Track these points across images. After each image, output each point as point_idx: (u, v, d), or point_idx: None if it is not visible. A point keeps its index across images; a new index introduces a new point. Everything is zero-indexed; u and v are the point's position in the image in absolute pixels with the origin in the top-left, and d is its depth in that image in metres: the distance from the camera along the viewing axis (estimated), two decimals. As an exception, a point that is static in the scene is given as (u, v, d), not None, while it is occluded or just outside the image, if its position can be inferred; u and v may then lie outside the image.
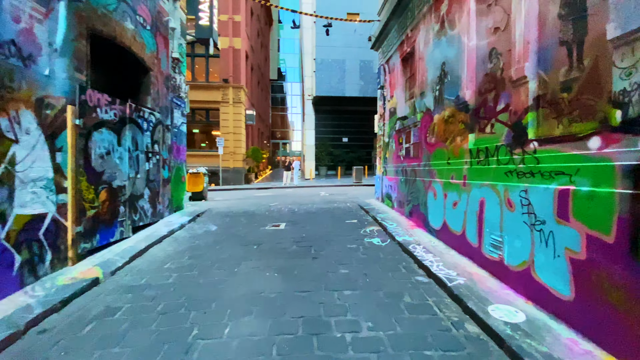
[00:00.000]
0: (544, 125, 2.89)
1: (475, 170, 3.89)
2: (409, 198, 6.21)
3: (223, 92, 17.39)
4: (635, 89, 2.05)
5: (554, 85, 2.78)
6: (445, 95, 4.73)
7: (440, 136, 4.86)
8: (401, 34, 6.76)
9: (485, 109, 3.79)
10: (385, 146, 8.18)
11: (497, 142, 3.53)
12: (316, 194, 12.27)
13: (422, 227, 5.51)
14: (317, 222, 6.63)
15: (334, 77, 20.61)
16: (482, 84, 3.85)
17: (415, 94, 5.95)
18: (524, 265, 3.02)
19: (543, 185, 2.79)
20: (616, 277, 2.13)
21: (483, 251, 3.70)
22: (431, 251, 4.39)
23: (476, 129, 3.98)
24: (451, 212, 4.48)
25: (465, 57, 4.16)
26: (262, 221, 6.86)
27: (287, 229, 6.05)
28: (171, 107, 7.48)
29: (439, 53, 4.95)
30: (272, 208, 8.61)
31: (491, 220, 3.56)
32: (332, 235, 5.52)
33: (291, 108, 47.96)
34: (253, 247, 4.89)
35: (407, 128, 6.38)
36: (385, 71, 7.98)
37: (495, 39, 3.61)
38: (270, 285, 3.49)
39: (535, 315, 2.70)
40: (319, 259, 4.32)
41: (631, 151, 2.05)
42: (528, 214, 2.97)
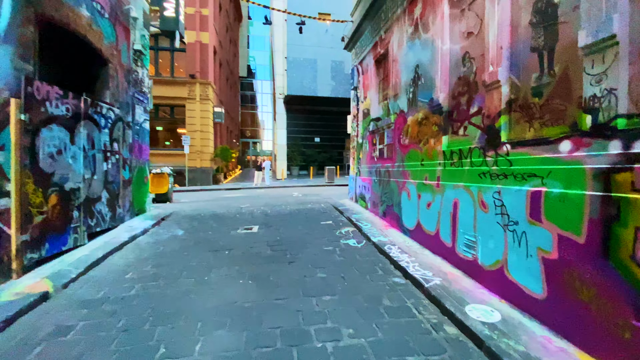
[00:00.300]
0: (516, 128, 2.99)
1: (449, 171, 3.96)
2: (383, 198, 6.25)
3: (189, 88, 16.60)
4: (605, 95, 2.14)
5: (526, 90, 2.87)
6: (419, 97, 4.79)
7: (414, 138, 4.92)
8: (375, 35, 6.79)
9: (459, 111, 3.86)
10: (358, 147, 8.21)
11: (470, 144, 3.61)
12: (289, 195, 12.08)
13: (396, 227, 5.56)
14: (292, 224, 6.48)
15: (306, 77, 20.49)
16: (456, 87, 3.93)
17: (389, 96, 6.00)
18: (498, 264, 3.10)
19: (516, 186, 2.87)
20: (587, 276, 2.21)
21: (457, 251, 3.77)
22: (406, 251, 4.42)
23: (449, 131, 4.05)
24: (425, 212, 4.54)
25: (439, 60, 4.22)
26: (233, 224, 6.57)
27: (261, 232, 5.83)
28: (133, 102, 6.94)
29: (413, 56, 5.01)
30: (244, 210, 8.31)
31: (465, 221, 3.63)
32: (307, 237, 5.40)
33: (261, 106, 47.14)
34: (224, 253, 4.64)
35: (381, 129, 6.42)
36: (359, 72, 8.01)
37: (469, 43, 3.69)
38: (245, 294, 3.29)
39: (510, 313, 2.77)
40: (295, 263, 4.18)
41: (601, 155, 2.14)
42: (501, 215, 3.05)
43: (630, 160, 1.96)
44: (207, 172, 17.18)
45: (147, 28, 7.90)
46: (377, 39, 6.68)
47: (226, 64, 24.40)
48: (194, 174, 16.54)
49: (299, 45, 20.35)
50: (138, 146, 7.25)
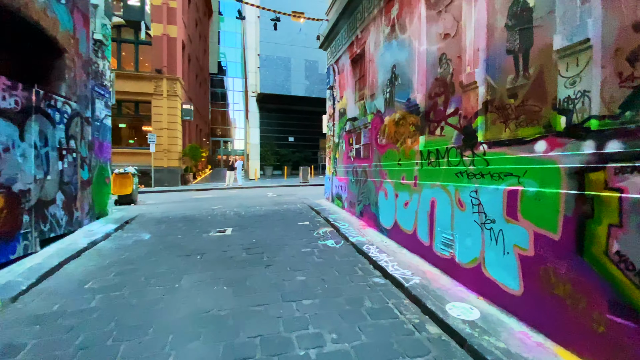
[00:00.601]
0: (492, 129, 3.05)
1: (426, 171, 4.00)
2: (360, 198, 6.25)
3: (156, 84, 15.74)
4: (579, 97, 2.22)
5: (502, 92, 2.94)
6: (396, 97, 4.81)
7: (391, 138, 4.94)
8: (351, 34, 6.78)
9: (436, 112, 3.91)
10: (335, 147, 8.17)
11: (447, 144, 3.67)
12: (263, 195, 11.81)
13: (374, 227, 5.56)
14: (268, 225, 6.28)
15: (279, 75, 20.20)
16: (433, 88, 3.98)
17: (366, 96, 6.00)
18: (475, 262, 3.16)
19: (493, 185, 2.93)
20: (562, 272, 2.29)
21: (434, 249, 3.81)
22: (384, 251, 4.42)
23: (426, 131, 4.10)
24: (402, 211, 4.57)
25: (416, 61, 4.26)
26: (204, 227, 6.26)
27: (235, 235, 5.59)
28: (92, 96, 6.40)
29: (390, 56, 5.03)
30: (216, 211, 7.97)
31: (442, 220, 3.68)
32: (284, 239, 5.25)
33: (233, 104, 45.95)
34: (196, 258, 4.37)
35: (358, 129, 6.41)
36: (335, 71, 7.97)
37: (445, 44, 3.75)
38: (220, 301, 3.10)
39: (489, 310, 2.82)
40: (272, 266, 4.02)
41: (575, 155, 2.22)
42: (478, 214, 3.11)
43: (603, 160, 2.03)
44: (175, 172, 16.39)
45: (109, 17, 7.34)
46: (353, 39, 6.67)
47: (195, 59, 23.48)
48: (161, 174, 15.72)
49: (272, 43, 20.03)
50: (98, 144, 6.71)
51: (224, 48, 44.13)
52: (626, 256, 1.90)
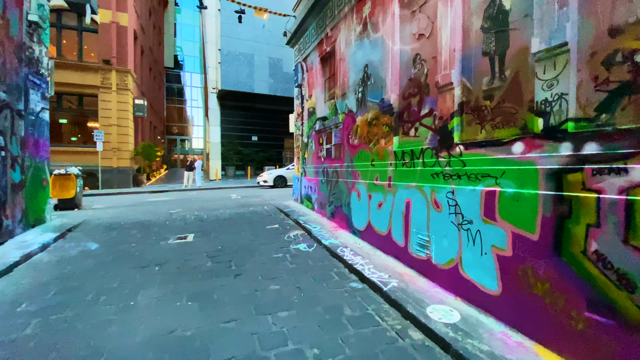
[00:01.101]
0: (468, 130, 3.07)
1: (401, 172, 3.97)
2: (331, 199, 6.12)
3: (103, 76, 14.33)
4: (556, 99, 2.26)
5: (478, 93, 2.96)
6: (369, 97, 4.75)
7: (364, 138, 4.87)
8: (320, 32, 6.63)
9: (410, 112, 3.89)
10: (304, 146, 7.97)
11: (422, 145, 3.65)
12: (226, 197, 11.23)
13: (346, 229, 5.47)
14: (234, 230, 5.90)
15: (242, 72, 19.49)
16: (407, 88, 3.95)
17: (337, 95, 5.89)
18: (452, 263, 3.16)
19: (470, 186, 2.94)
20: (541, 272, 2.32)
21: (410, 250, 3.79)
22: (359, 253, 4.32)
23: (400, 132, 4.07)
24: (376, 213, 4.51)
25: (390, 61, 4.22)
26: (162, 233, 5.71)
27: (198, 242, 5.15)
28: (26, 86, 5.54)
29: (362, 55, 4.96)
30: (175, 216, 7.36)
31: (418, 221, 3.66)
32: (253, 244, 4.94)
33: (191, 101, 43.66)
34: (154, 269, 3.92)
35: (328, 129, 6.28)
36: (303, 69, 7.77)
37: (420, 45, 3.74)
38: (185, 319, 2.76)
39: (467, 311, 2.81)
40: (242, 275, 3.72)
41: (553, 156, 2.26)
42: (455, 214, 3.11)
43: (580, 161, 2.08)
44: (127, 172, 15.06)
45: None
46: (322, 36, 6.52)
47: (149, 51, 21.85)
48: (110, 175, 14.34)
49: (234, 38, 19.26)
50: (34, 141, 5.84)
51: (181, 41, 41.78)
52: (604, 255, 1.95)
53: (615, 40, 1.95)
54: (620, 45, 1.93)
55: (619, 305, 1.89)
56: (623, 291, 1.87)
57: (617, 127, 1.91)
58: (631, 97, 1.88)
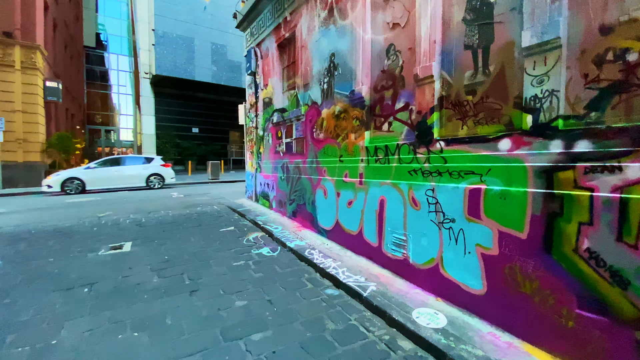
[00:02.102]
0: (448, 125, 2.97)
1: (374, 168, 3.78)
2: (292, 197, 5.74)
3: (3, 51, 11.67)
4: (546, 96, 2.22)
5: (459, 88, 2.86)
6: (336, 89, 4.46)
7: (331, 132, 4.58)
8: (277, 16, 6.12)
9: (383, 106, 3.71)
10: (259, 140, 7.38)
11: (397, 140, 3.50)
12: (166, 196, 10.02)
13: (311, 228, 5.15)
14: (181, 235, 5.16)
15: (180, 56, 17.68)
16: (379, 80, 3.76)
17: (298, 85, 5.49)
18: (432, 262, 3.06)
19: (452, 184, 2.85)
20: (529, 270, 2.29)
21: (384, 250, 3.63)
22: (329, 255, 4.05)
23: (372, 126, 3.87)
24: (345, 211, 4.28)
25: (360, 50, 3.97)
26: (90, 243, 4.73)
27: (138, 251, 4.35)
28: None
29: (328, 43, 4.64)
30: (104, 220, 6.24)
31: (393, 219, 3.51)
32: (207, 251, 4.32)
33: (117, 87, 38.68)
34: (82, 292, 3.13)
35: (288, 121, 5.85)
36: (257, 55, 7.16)
37: (394, 35, 3.55)
38: (132, 358, 2.17)
39: (451, 313, 2.73)
40: (200, 291, 3.16)
41: (543, 154, 2.22)
42: (435, 213, 3.01)
43: (572, 159, 2.06)
44: (36, 168, 12.62)
45: None
46: (280, 21, 6.03)
47: (64, 26, 18.58)
48: (14, 172, 11.85)
49: (170, 19, 17.33)
50: None
51: (105, 18, 36.61)
52: (597, 253, 1.95)
53: (606, 38, 1.94)
54: (612, 43, 1.92)
55: (612, 302, 1.90)
56: (616, 288, 1.88)
57: (610, 125, 1.91)
58: (622, 95, 1.89)
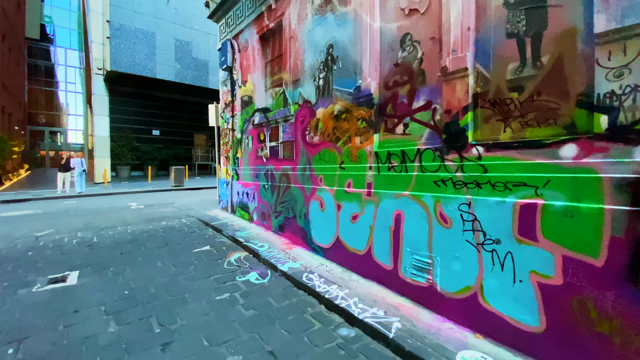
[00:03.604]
0: (485, 128, 2.51)
1: (387, 177, 3.23)
2: (279, 209, 5.03)
3: None
4: (627, 92, 1.81)
5: (499, 83, 2.41)
6: (335, 85, 3.88)
7: (329, 135, 3.98)
8: (259, 3, 5.42)
9: (396, 105, 3.19)
10: (235, 144, 6.56)
11: (415, 144, 2.99)
12: (123, 206, 8.72)
13: (303, 245, 4.48)
14: (145, 258, 4.22)
15: (140, 52, 16.10)
16: (391, 75, 3.24)
17: (286, 82, 4.83)
18: (467, 291, 2.56)
19: (495, 197, 2.37)
20: (608, 305, 1.85)
21: (402, 274, 3.08)
22: (331, 280, 3.42)
23: (382, 128, 3.34)
24: (349, 226, 3.69)
25: (368, 41, 3.44)
26: (19, 274, 3.67)
27: (86, 284, 3.39)
28: None
29: (324, 33, 4.06)
30: (43, 241, 5.06)
31: (413, 238, 2.98)
32: (180, 281, 3.48)
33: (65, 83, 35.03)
34: (5, 354, 2.20)
35: (274, 122, 5.15)
36: (234, 49, 6.37)
37: (411, 23, 3.06)
38: None
39: (502, 356, 2.23)
40: (175, 343, 2.36)
41: (625, 162, 1.80)
42: (473, 231, 2.52)
43: (671, 170, 1.65)
44: (-42, 175, 10.58)
45: None
46: (263, 9, 5.33)
47: (1, 13, 16.19)
48: None
49: (128, 10, 15.76)
50: None
51: (51, 9, 33.11)
52: None
53: None
54: None
55: None
56: None
57: None
58: None
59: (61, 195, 11.08)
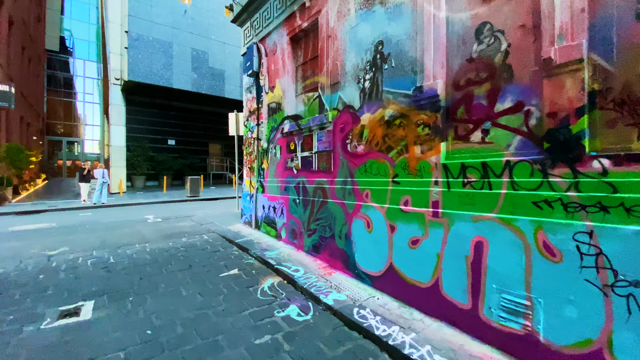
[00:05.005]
0: (609, 134, 1.95)
1: (461, 195, 2.67)
2: (313, 226, 4.50)
3: None
4: None
5: (628, 78, 1.86)
6: (387, 87, 3.38)
7: (377, 144, 3.46)
8: (291, 2, 5.02)
9: (471, 108, 2.66)
10: (261, 154, 6.10)
11: (501, 155, 2.44)
12: (140, 220, 8.34)
13: (343, 270, 3.92)
14: (167, 284, 3.74)
15: (157, 62, 16.07)
16: (463, 72, 2.72)
17: (322, 85, 4.36)
18: (589, 346, 1.96)
19: (632, 226, 1.80)
20: None
21: (484, 316, 2.49)
22: (389, 318, 2.85)
23: (451, 135, 2.80)
24: (406, 252, 3.12)
25: (431, 33, 2.94)
26: (27, 304, 3.22)
27: (102, 319, 2.91)
28: None
29: (371, 29, 3.58)
30: (55, 261, 4.65)
31: (502, 272, 2.40)
32: (210, 316, 2.96)
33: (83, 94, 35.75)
34: None
35: (307, 131, 4.67)
36: (260, 53, 5.98)
37: (489, 9, 2.54)
38: None
39: None
40: (216, 414, 1.83)
41: None
42: (596, 269, 1.93)
43: None
44: (-25, 185, 10.47)
45: None
46: (295, 8, 4.92)
47: (22, 24, 16.49)
48: (-58, 190, 9.67)
49: (146, 20, 15.81)
50: None
51: (71, 22, 34.04)
52: None
53: None
54: None
55: None
56: None
57: None
58: None
59: (79, 207, 10.83)
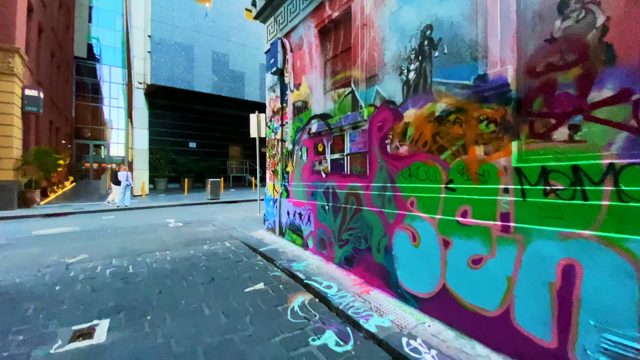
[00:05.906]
0: None
1: (541, 206, 2.17)
2: (344, 237, 4.07)
3: (-32, 51, 10.02)
4: None
5: None
6: (437, 77, 2.91)
7: (425, 144, 2.99)
8: (319, -8, 4.63)
9: (553, 99, 2.15)
10: (285, 156, 5.74)
11: (599, 157, 1.92)
12: (161, 224, 8.18)
13: (382, 288, 3.46)
14: (188, 300, 3.40)
15: (179, 65, 16.18)
16: (541, 56, 2.21)
17: (356, 80, 3.93)
18: None
19: None
20: None
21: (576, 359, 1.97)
22: (447, 353, 2.37)
23: (525, 133, 2.30)
24: (465, 272, 2.63)
25: (498, 11, 2.45)
26: (40, 321, 2.96)
27: (118, 343, 2.59)
28: None
29: (417, 12, 3.12)
30: (73, 270, 4.44)
31: (603, 305, 1.88)
32: (236, 342, 2.58)
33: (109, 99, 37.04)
34: None
35: (337, 131, 4.25)
36: (285, 48, 5.63)
37: (581, -25, 2.04)
38: None
39: None
40: None
41: None
42: None
43: None
44: (9, 188, 10.73)
45: None
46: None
47: (52, 32, 17.06)
48: (-24, 193, 9.94)
49: (168, 24, 15.95)
50: None
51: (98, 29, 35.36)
52: None
53: None
54: None
55: None
56: None
57: None
58: None
59: (103, 209, 10.93)
